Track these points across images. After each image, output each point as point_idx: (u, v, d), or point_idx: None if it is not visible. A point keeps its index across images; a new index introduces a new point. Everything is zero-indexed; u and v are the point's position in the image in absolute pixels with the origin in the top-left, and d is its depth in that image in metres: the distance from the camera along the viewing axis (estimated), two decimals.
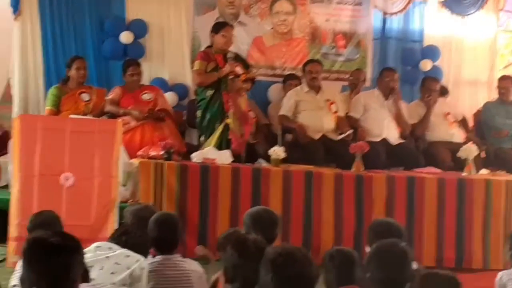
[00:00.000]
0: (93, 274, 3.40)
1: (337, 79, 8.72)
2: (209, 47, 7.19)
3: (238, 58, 7.08)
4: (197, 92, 7.21)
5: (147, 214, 4.31)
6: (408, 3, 8.94)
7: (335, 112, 7.57)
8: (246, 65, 7.18)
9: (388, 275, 3.29)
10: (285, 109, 7.54)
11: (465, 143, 7.32)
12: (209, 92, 6.93)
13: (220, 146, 6.76)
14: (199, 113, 7.00)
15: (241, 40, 8.44)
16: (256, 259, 3.12)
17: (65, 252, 2.68)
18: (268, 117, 8.09)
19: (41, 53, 7.77)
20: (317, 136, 7.37)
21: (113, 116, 7.06)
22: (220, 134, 6.83)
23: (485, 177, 6.88)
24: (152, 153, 6.42)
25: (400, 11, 8.94)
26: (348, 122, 7.65)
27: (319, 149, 7.23)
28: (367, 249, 4.28)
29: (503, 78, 8.27)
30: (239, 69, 6.91)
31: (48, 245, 2.68)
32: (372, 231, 4.46)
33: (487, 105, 8.28)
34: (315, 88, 7.60)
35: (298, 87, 7.72)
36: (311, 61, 7.94)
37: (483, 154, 7.63)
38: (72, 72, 7.17)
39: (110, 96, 7.27)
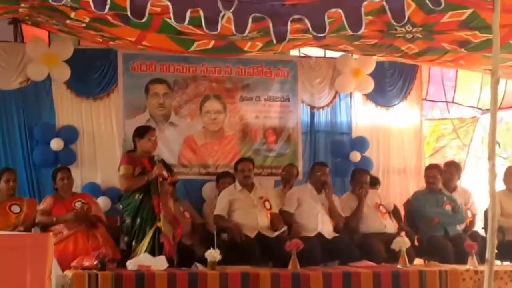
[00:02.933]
0: None
1: (270, 174, 8.82)
2: (132, 151, 7.19)
3: (162, 161, 7.11)
4: (124, 196, 7.18)
5: None
6: (334, 97, 9.19)
7: (269, 209, 7.64)
8: (169, 168, 7.21)
9: None
10: (219, 208, 7.57)
11: (397, 233, 7.47)
12: (138, 196, 6.91)
13: (152, 250, 6.70)
14: (127, 218, 6.96)
15: (172, 140, 8.53)
16: None
17: None
18: (203, 216, 8.09)
19: None
20: (252, 234, 7.41)
21: (45, 227, 6.96)
22: (151, 238, 6.79)
23: (419, 268, 6.99)
24: (86, 263, 6.31)
25: (327, 105, 9.18)
26: (283, 217, 7.72)
27: (255, 248, 7.24)
28: None
29: (430, 168, 8.47)
30: (165, 173, 6.94)
31: None
32: None
33: (416, 194, 8.45)
34: (248, 186, 7.67)
35: (231, 186, 7.78)
36: (242, 159, 8.03)
37: (416, 242, 7.76)
38: (2, 185, 7.10)
39: (42, 206, 7.17)
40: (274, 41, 5.37)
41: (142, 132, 7.13)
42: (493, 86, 4.49)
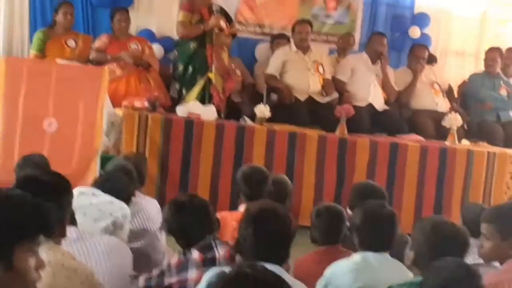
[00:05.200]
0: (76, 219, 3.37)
1: (326, 41, 8.64)
2: None
3: (222, 12, 6.98)
4: (178, 43, 7.12)
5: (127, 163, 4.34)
6: None
7: (322, 74, 7.53)
8: (229, 19, 7.09)
9: (377, 236, 3.31)
10: (272, 67, 7.47)
11: (449, 112, 7.34)
12: (193, 44, 6.85)
13: (201, 100, 6.70)
14: (180, 65, 6.92)
15: None
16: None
17: (56, 190, 2.67)
18: (254, 76, 8.03)
19: None
20: (302, 98, 7.34)
21: (99, 64, 6.95)
22: (202, 88, 6.77)
23: (468, 147, 6.92)
24: (137, 104, 6.35)
25: None
26: (335, 84, 7.62)
27: (304, 110, 7.20)
28: (349, 212, 4.31)
29: (490, 50, 8.23)
30: (223, 23, 6.83)
31: (39, 182, 2.68)
32: (355, 192, 4.49)
33: (473, 76, 8.27)
34: (304, 49, 7.53)
35: (287, 46, 7.64)
36: (301, 21, 7.83)
37: (466, 126, 7.66)
38: (59, 17, 7.06)
39: (97, 43, 7.17)
40: None
41: None
42: None
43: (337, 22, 8.72)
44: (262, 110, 6.55)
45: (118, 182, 3.94)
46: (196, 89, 6.77)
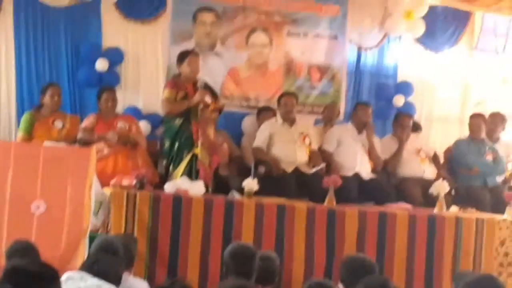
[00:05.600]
0: None
1: (311, 112, 8.75)
2: (178, 75, 7.19)
3: (207, 87, 7.09)
4: (164, 120, 7.21)
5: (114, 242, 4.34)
6: (383, 38, 9.04)
7: (309, 145, 7.60)
8: (214, 94, 7.19)
9: None
10: (259, 140, 7.55)
11: (436, 179, 7.40)
12: (178, 121, 6.93)
13: (188, 175, 6.73)
14: (167, 142, 6.99)
15: (216, 71, 8.47)
16: None
17: (43, 280, 2.67)
18: (241, 149, 8.09)
19: (14, 78, 7.73)
20: (290, 169, 7.39)
21: (86, 144, 6.99)
22: (188, 164, 6.81)
23: (456, 214, 6.95)
24: (125, 182, 6.37)
25: (375, 45, 9.03)
26: (321, 155, 7.69)
27: (292, 182, 7.25)
28: (340, 287, 4.31)
29: (474, 116, 8.35)
30: (208, 99, 6.92)
31: (26, 274, 2.68)
32: (345, 267, 4.49)
33: (458, 142, 8.35)
34: (290, 121, 7.63)
35: (273, 119, 7.74)
36: (286, 93, 7.97)
37: (453, 192, 7.70)
38: (46, 99, 7.15)
39: (84, 123, 7.22)
40: None
41: (182, 56, 7.13)
42: None
43: (322, 93, 8.83)
44: (250, 183, 6.57)
45: (106, 264, 3.92)
46: (183, 165, 6.82)
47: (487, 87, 9.44)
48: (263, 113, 8.12)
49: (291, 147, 7.50)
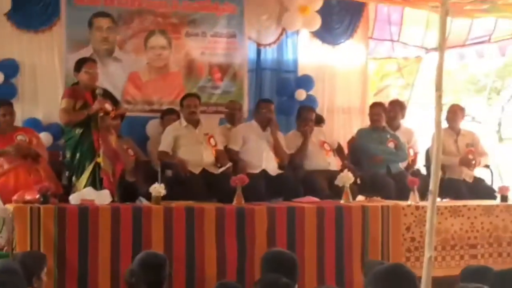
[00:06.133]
0: None
1: (215, 112, 8.76)
2: (76, 84, 7.07)
3: (106, 94, 6.99)
4: (64, 131, 7.09)
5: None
6: (281, 34, 9.13)
7: (214, 145, 7.60)
8: (115, 101, 7.10)
9: None
10: (164, 144, 7.50)
11: (341, 170, 7.52)
12: (78, 131, 6.79)
13: (92, 185, 6.63)
14: (68, 152, 6.86)
15: (116, 76, 8.40)
16: None
17: None
18: (147, 154, 8.02)
19: None
20: (197, 171, 7.38)
21: None
22: (91, 173, 6.71)
23: (362, 203, 7.08)
24: (28, 197, 6.22)
25: (274, 42, 9.12)
26: (228, 154, 7.71)
27: (200, 184, 7.23)
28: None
29: (374, 105, 8.54)
30: (108, 106, 6.82)
31: None
32: (265, 262, 4.52)
33: (360, 131, 8.52)
34: (194, 123, 7.61)
35: (177, 122, 7.70)
36: (188, 95, 7.94)
37: (358, 181, 7.84)
38: None
39: None
40: None
41: (79, 64, 6.99)
42: (442, 17, 4.49)
43: (225, 91, 8.87)
44: (157, 189, 6.51)
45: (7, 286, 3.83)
46: (86, 175, 6.70)
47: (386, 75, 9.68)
48: (167, 115, 8.08)
49: (197, 148, 7.49)
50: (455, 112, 8.47)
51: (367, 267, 4.51)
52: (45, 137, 7.66)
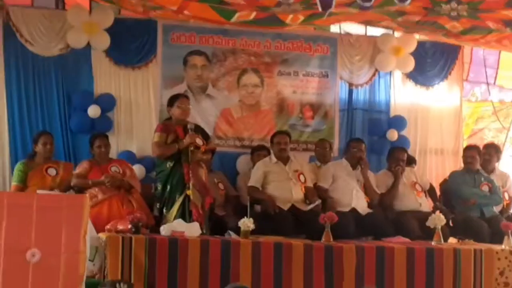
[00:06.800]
0: None
1: (305, 149, 8.79)
2: (169, 119, 7.21)
3: (198, 129, 7.11)
4: (156, 163, 7.22)
5: None
6: (374, 75, 9.12)
7: (304, 182, 7.59)
8: (206, 136, 7.21)
9: None
10: (254, 180, 7.55)
11: (432, 212, 7.38)
12: (169, 164, 6.92)
13: (182, 217, 6.70)
14: (159, 185, 6.98)
15: (209, 112, 8.54)
16: None
17: None
18: (236, 189, 8.08)
19: (7, 128, 7.79)
20: (286, 207, 7.39)
21: (80, 190, 7.00)
22: (181, 206, 6.80)
23: (454, 246, 6.91)
24: (120, 227, 6.34)
25: (366, 82, 9.11)
26: (317, 192, 7.68)
27: (289, 220, 7.22)
28: None
29: (468, 148, 8.40)
30: (199, 140, 6.93)
31: None
32: None
33: (453, 174, 8.37)
34: (284, 159, 7.64)
35: (267, 158, 7.75)
36: (279, 132, 8.00)
37: (450, 223, 7.67)
38: (39, 148, 7.19)
39: (78, 170, 7.24)
40: (320, 9, 5.33)
41: (172, 100, 7.16)
42: None
43: (315, 130, 8.89)
44: (246, 223, 6.53)
45: None
46: (176, 207, 6.80)
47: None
48: (257, 152, 8.15)
49: (286, 184, 7.51)
50: None
51: None
52: (138, 170, 7.83)
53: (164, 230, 6.45)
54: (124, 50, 8.27)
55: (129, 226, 6.28)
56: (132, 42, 8.33)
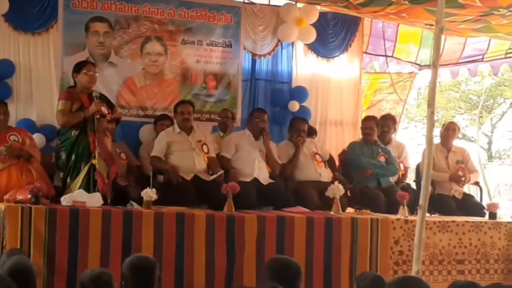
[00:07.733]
0: None
1: (208, 119, 8.82)
2: (73, 87, 7.09)
3: (103, 98, 7.03)
4: (60, 132, 7.10)
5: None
6: (276, 45, 9.20)
7: (207, 152, 7.63)
8: (110, 105, 7.13)
9: None
10: (157, 150, 7.54)
11: (332, 182, 7.56)
12: (74, 132, 6.81)
13: (87, 187, 6.65)
14: (63, 154, 6.87)
15: (111, 81, 8.43)
16: None
17: None
18: (139, 158, 8.05)
19: None
20: (189, 177, 7.40)
21: None
22: (86, 175, 6.73)
23: (352, 215, 7.12)
24: (19, 197, 6.24)
25: (269, 53, 9.19)
26: (220, 162, 7.73)
27: (191, 190, 7.26)
28: None
29: (366, 119, 8.60)
30: (104, 109, 6.86)
31: None
32: (268, 270, 4.50)
33: (352, 144, 8.57)
34: (187, 129, 7.65)
35: (170, 128, 7.74)
36: (182, 102, 7.99)
37: (349, 193, 7.88)
38: None
39: None
40: None
41: (79, 66, 7.01)
42: (437, 35, 4.57)
43: (218, 100, 8.92)
44: (149, 193, 6.54)
45: None
46: (81, 176, 6.72)
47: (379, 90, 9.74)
48: (160, 121, 8.12)
49: (189, 155, 7.52)
50: (452, 130, 8.53)
51: (360, 280, 4.51)
52: (38, 138, 7.67)
53: (65, 200, 6.37)
54: (23, 15, 8.04)
55: (29, 196, 6.18)
56: (32, 7, 8.10)
